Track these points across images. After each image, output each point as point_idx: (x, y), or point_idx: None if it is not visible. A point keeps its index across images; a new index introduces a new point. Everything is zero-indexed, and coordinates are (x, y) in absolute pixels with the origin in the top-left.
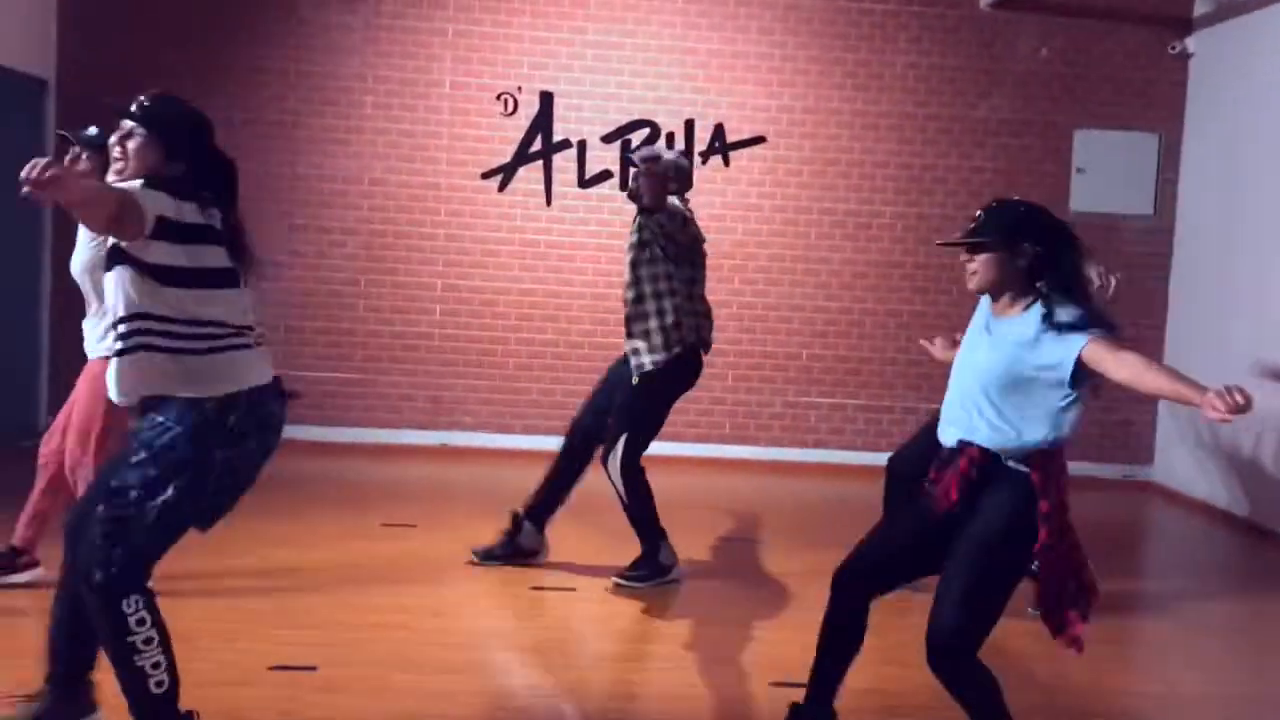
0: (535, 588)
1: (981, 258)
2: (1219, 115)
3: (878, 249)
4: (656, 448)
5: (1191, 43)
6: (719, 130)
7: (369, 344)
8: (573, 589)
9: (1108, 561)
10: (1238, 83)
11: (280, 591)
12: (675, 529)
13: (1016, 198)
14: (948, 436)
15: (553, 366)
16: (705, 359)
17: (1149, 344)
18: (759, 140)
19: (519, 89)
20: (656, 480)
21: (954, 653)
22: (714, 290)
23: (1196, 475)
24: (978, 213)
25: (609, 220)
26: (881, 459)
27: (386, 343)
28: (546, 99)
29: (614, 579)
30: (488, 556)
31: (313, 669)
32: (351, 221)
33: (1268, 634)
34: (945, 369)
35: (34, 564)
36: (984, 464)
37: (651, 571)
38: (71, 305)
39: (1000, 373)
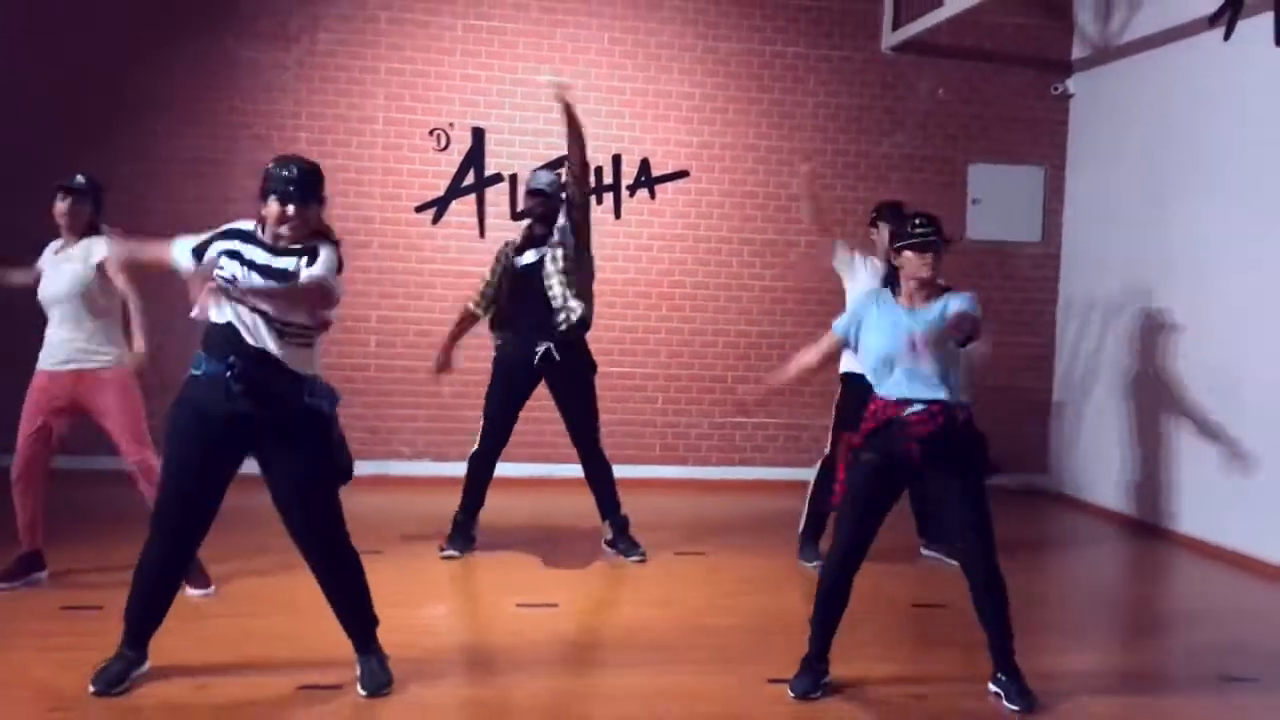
0: (521, 605)
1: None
2: (1096, 150)
3: (794, 276)
4: (579, 470)
5: (1072, 84)
6: (645, 165)
7: None
8: (555, 605)
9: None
10: (1112, 120)
11: (294, 612)
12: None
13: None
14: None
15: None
16: (636, 383)
17: (1040, 360)
18: (683, 174)
19: (451, 125)
20: (588, 503)
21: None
22: (643, 316)
23: (1091, 481)
24: (922, 218)
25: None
26: (802, 474)
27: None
28: (478, 134)
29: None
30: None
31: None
32: None
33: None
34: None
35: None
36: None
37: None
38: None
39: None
